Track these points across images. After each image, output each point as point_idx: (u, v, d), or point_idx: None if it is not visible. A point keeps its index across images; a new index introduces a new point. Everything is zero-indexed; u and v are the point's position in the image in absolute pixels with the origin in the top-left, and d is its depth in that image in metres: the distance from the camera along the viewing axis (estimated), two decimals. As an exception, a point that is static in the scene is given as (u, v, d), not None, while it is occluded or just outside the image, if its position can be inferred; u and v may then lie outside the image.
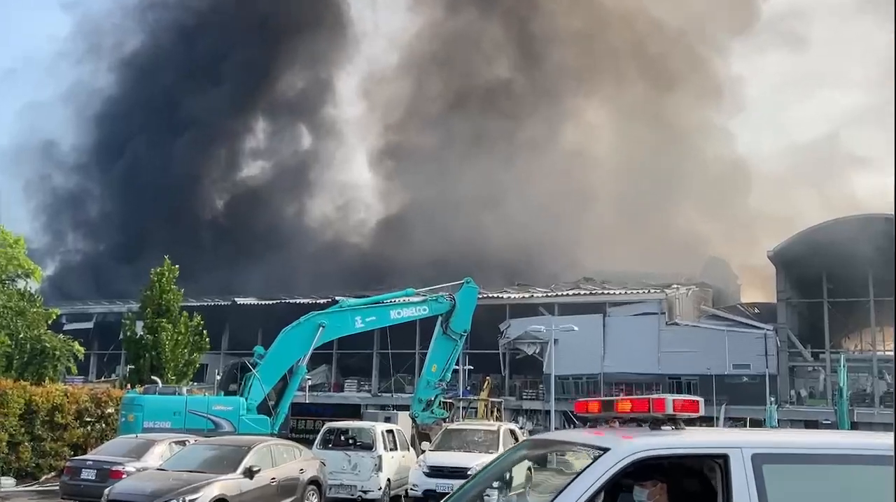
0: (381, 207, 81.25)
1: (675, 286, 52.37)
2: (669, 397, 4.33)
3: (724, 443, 4.21)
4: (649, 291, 51.11)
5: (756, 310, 52.77)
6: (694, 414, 4.36)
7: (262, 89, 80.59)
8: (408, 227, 68.11)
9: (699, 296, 54.75)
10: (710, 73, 74.99)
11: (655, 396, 4.37)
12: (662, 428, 4.35)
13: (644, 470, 4.22)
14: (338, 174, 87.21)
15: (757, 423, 39.19)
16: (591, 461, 4.00)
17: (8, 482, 20.08)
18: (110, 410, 22.73)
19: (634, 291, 51.72)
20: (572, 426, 39.72)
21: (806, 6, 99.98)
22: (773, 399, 41.52)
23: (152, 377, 25.39)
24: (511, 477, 5.35)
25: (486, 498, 4.85)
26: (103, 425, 22.60)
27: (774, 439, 4.73)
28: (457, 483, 13.79)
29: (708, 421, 39.77)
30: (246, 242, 73.63)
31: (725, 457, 4.01)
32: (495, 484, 5.08)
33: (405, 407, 28.61)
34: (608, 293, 52.15)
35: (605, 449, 4.03)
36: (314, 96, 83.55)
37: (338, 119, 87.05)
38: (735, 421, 41.84)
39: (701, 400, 4.50)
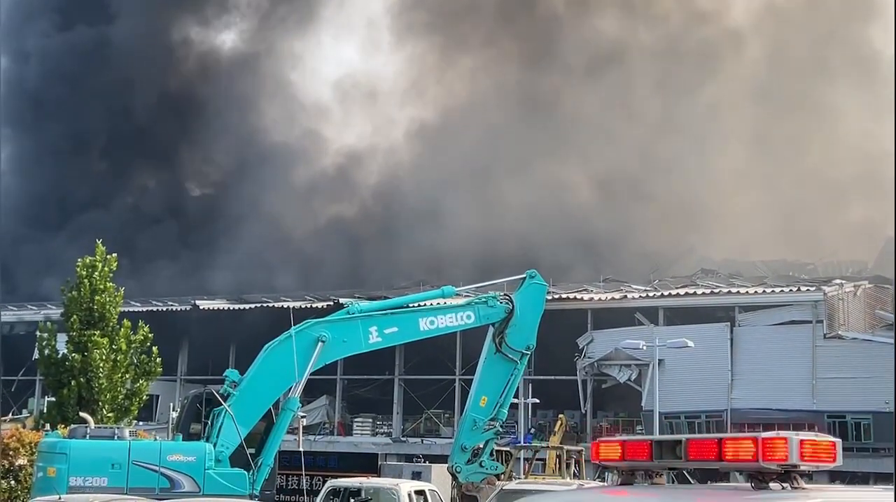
0: (400, 140, 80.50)
1: (838, 281, 51.69)
2: (794, 436, 3.85)
3: None
4: (799, 289, 50.58)
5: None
6: (826, 466, 3.99)
7: None
8: (440, 180, 67.32)
9: (874, 297, 53.97)
10: None
11: (769, 434, 3.90)
12: (771, 485, 3.92)
13: None
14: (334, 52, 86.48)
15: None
16: None
17: None
18: (21, 461, 23.07)
19: (777, 289, 51.24)
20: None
21: None
22: None
23: (81, 414, 25.68)
24: None
25: None
26: (12, 482, 22.96)
27: None
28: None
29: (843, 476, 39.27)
30: (214, 208, 73.66)
31: None
32: None
33: (442, 459, 28.76)
34: (738, 292, 51.77)
35: None
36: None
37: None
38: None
39: (838, 442, 4.05)
